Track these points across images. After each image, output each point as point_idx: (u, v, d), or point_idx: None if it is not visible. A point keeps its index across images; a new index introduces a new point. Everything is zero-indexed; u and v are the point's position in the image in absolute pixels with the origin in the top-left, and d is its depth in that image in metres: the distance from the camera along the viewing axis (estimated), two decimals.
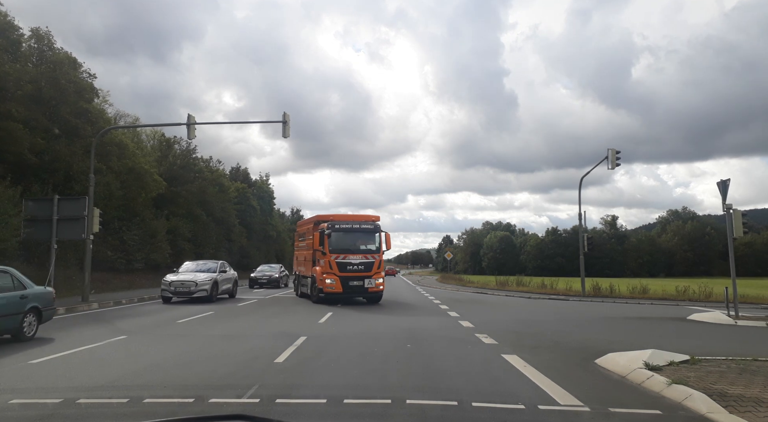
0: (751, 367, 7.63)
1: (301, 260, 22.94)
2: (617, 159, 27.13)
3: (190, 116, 20.63)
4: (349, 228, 19.51)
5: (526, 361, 8.28)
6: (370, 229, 19.83)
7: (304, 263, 21.80)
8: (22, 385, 6.61)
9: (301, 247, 23.31)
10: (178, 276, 20.77)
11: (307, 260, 21.51)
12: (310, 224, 21.72)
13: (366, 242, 19.66)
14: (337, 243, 19.04)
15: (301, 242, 23.50)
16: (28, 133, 23.09)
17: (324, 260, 18.93)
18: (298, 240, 24.28)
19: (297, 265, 23.96)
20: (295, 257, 24.66)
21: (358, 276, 18.90)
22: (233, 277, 23.55)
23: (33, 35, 25.80)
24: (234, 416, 2.26)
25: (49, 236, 19.77)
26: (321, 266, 19.14)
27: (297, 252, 24.30)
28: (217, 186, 48.08)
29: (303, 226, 24.05)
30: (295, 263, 24.56)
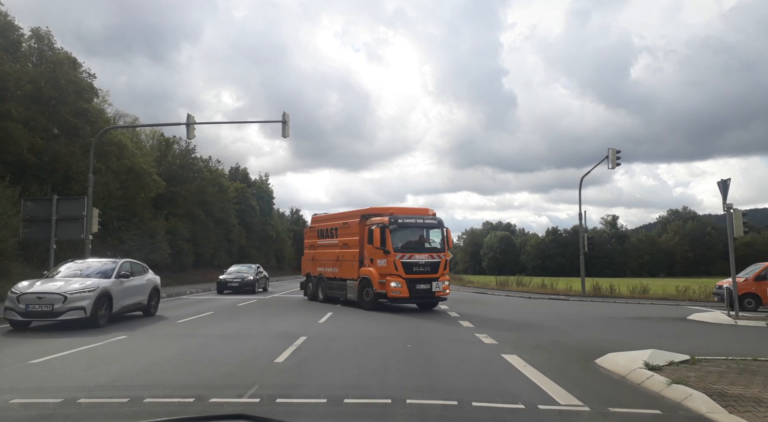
0: (751, 367, 7.63)
1: (326, 259, 20.05)
2: (617, 159, 27.15)
3: (190, 115, 20.64)
4: (413, 223, 17.08)
5: (526, 361, 8.28)
6: (435, 224, 17.46)
7: (336, 264, 19.15)
8: (22, 385, 6.61)
9: (324, 245, 20.46)
10: (38, 286, 12.20)
11: (341, 260, 18.90)
12: (350, 218, 18.97)
13: (431, 240, 17.38)
14: (401, 241, 16.68)
15: (324, 239, 20.55)
16: (28, 133, 23.09)
17: (386, 260, 16.38)
18: (319, 238, 21.01)
19: (316, 265, 20.91)
20: (311, 256, 21.46)
21: (425, 279, 16.57)
22: (149, 284, 15.32)
23: (33, 35, 25.82)
24: (234, 416, 2.26)
25: (48, 236, 19.76)
26: (378, 267, 16.65)
27: (316, 251, 21.07)
28: (217, 186, 48.06)
29: (331, 221, 20.74)
30: (311, 264, 21.41)
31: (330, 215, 22.20)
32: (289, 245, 78.34)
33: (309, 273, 21.70)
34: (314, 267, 21.09)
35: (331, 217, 21.59)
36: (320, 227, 21.04)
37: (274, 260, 69.57)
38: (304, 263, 22.46)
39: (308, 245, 22.11)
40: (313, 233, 21.54)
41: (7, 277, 19.72)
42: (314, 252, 21.20)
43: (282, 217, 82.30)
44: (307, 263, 22.11)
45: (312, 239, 21.68)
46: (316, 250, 21.03)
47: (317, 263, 20.83)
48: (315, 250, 21.16)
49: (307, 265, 21.96)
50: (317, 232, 21.04)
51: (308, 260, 21.89)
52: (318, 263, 20.76)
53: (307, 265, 21.96)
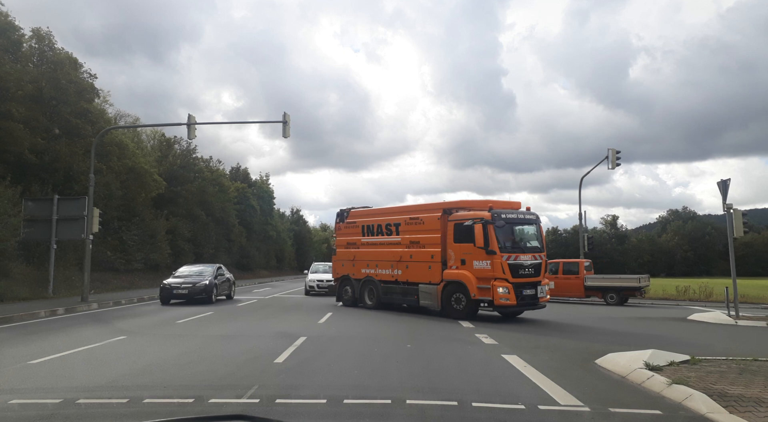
0: (752, 367, 7.62)
1: (380, 260, 17.44)
2: (617, 159, 27.14)
3: (191, 116, 20.64)
4: (515, 219, 14.94)
5: (526, 361, 8.27)
6: (533, 220, 15.52)
7: (398, 265, 16.70)
8: (22, 385, 6.61)
9: (373, 243, 17.86)
10: None
11: (407, 261, 16.40)
12: (422, 213, 16.40)
13: (532, 238, 15.33)
14: (504, 239, 14.44)
15: (374, 237, 17.86)
16: (29, 133, 23.10)
17: (491, 261, 14.11)
18: (364, 235, 18.33)
19: (360, 266, 18.34)
20: (351, 256, 18.76)
21: (530, 283, 14.54)
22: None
23: (34, 35, 25.83)
24: (234, 416, 2.26)
25: (49, 236, 19.80)
26: (476, 270, 14.38)
27: (360, 250, 18.43)
28: (217, 186, 48.08)
29: (385, 216, 18.03)
30: (350, 264, 18.77)
31: (380, 209, 19.56)
32: (289, 245, 78.33)
33: (348, 275, 18.85)
34: (357, 268, 18.42)
35: (383, 211, 18.83)
36: (366, 223, 18.37)
37: (274, 260, 69.57)
38: (337, 264, 19.55)
39: (344, 243, 19.21)
40: (354, 230, 18.79)
41: (8, 277, 19.74)
42: (356, 252, 18.51)
43: (282, 217, 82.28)
44: (343, 264, 19.20)
45: (351, 237, 18.86)
46: (360, 249, 18.36)
47: (361, 263, 18.21)
48: (357, 249, 18.47)
49: (344, 266, 19.10)
50: (361, 228, 18.37)
51: (345, 260, 19.01)
52: (363, 264, 18.15)
53: (344, 266, 19.10)
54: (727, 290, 16.88)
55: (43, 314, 15.05)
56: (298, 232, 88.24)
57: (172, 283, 20.15)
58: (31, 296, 19.07)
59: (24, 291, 19.30)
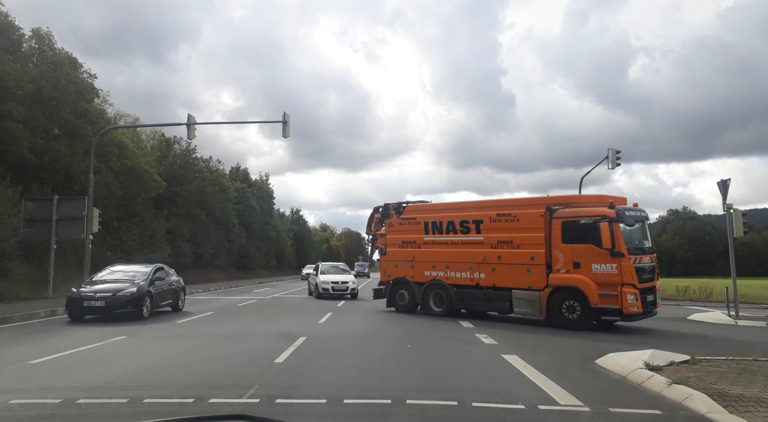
0: (752, 367, 7.62)
1: (452, 261, 15.53)
2: (617, 159, 27.14)
3: (190, 116, 20.66)
4: (635, 216, 13.43)
5: (526, 361, 8.28)
6: (646, 217, 14.22)
7: (480, 267, 14.79)
8: (21, 385, 6.61)
9: (443, 242, 15.86)
10: None
11: (494, 263, 14.55)
12: (518, 208, 14.68)
13: (645, 238, 13.93)
14: (627, 240, 13.00)
15: (443, 235, 15.88)
16: (28, 133, 23.10)
17: (617, 264, 12.52)
18: (427, 233, 16.29)
19: (422, 268, 16.31)
20: (410, 256, 16.61)
21: (650, 288, 13.14)
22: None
23: (34, 35, 25.82)
24: (234, 416, 2.26)
25: (49, 236, 19.80)
26: (596, 275, 12.79)
27: (422, 250, 16.34)
28: (217, 186, 48.06)
29: (460, 211, 15.99)
30: (407, 266, 16.70)
31: (449, 204, 17.69)
32: (289, 245, 78.32)
33: (403, 278, 16.75)
34: (419, 271, 16.38)
35: (454, 206, 16.76)
36: (430, 219, 16.30)
37: (274, 260, 69.59)
38: (388, 265, 17.35)
39: (398, 242, 17.04)
40: (412, 227, 16.70)
41: (8, 277, 19.75)
42: (416, 252, 16.46)
43: (282, 217, 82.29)
44: (397, 266, 17.03)
45: (409, 235, 16.73)
46: (422, 249, 16.35)
47: (425, 265, 16.25)
48: (418, 249, 16.44)
49: (399, 268, 16.96)
50: (424, 225, 16.36)
51: (400, 261, 16.89)
52: (427, 266, 16.19)
53: (399, 268, 16.96)
54: (727, 290, 16.88)
55: (43, 314, 15.05)
56: (298, 232, 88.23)
57: (85, 292, 13.96)
58: (31, 296, 19.07)
59: (24, 291, 19.30)
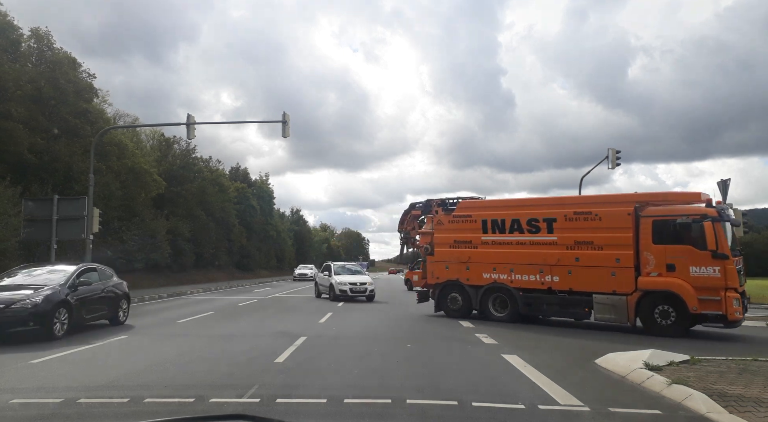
0: (751, 367, 7.63)
1: (516, 263, 14.37)
2: (617, 159, 27.15)
3: (190, 115, 20.65)
4: (730, 215, 12.71)
5: (526, 361, 8.28)
6: None
7: (552, 270, 13.71)
8: (22, 385, 6.61)
9: (506, 243, 14.67)
10: None
11: (569, 265, 13.45)
12: (600, 206, 13.56)
13: (732, 239, 12.84)
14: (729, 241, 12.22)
15: (505, 235, 14.72)
16: (28, 133, 23.10)
17: (720, 267, 11.66)
18: (486, 232, 15.02)
19: (480, 270, 14.93)
20: (465, 257, 15.16)
21: (743, 292, 12.44)
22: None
23: (33, 35, 25.82)
24: (234, 416, 2.27)
25: (49, 236, 19.77)
26: (694, 278, 11.88)
27: (479, 250, 15.03)
28: (217, 186, 48.07)
29: (526, 208, 14.85)
30: (461, 267, 15.26)
31: (511, 200, 16.62)
32: (289, 245, 78.30)
33: (456, 281, 15.35)
34: (475, 273, 14.98)
35: (517, 203, 15.75)
36: (489, 217, 15.02)
37: (274, 260, 69.59)
38: (436, 266, 15.83)
39: (449, 241, 15.61)
40: (467, 225, 15.35)
41: None
42: (472, 252, 15.13)
43: (282, 217, 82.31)
44: (447, 267, 15.57)
45: (463, 234, 15.39)
46: (479, 249, 15.06)
47: (483, 266, 14.94)
48: (474, 249, 15.13)
49: (449, 269, 15.52)
50: (481, 224, 15.05)
51: (451, 262, 15.49)
52: (485, 268, 14.90)
53: (449, 269, 15.52)
54: None
55: None
56: (298, 232, 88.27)
57: None
58: None
59: None
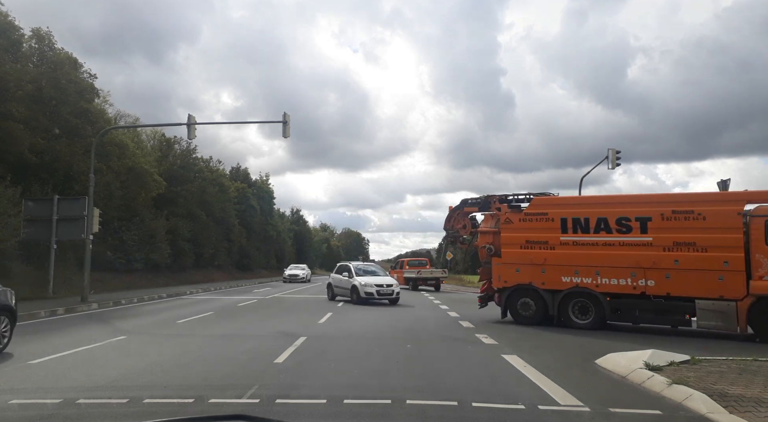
0: (752, 367, 7.62)
1: (601, 265, 13.29)
2: (617, 159, 27.14)
3: (191, 116, 20.65)
4: None
5: (526, 361, 8.28)
6: None
7: (645, 273, 12.75)
8: (21, 385, 6.61)
9: (588, 243, 13.57)
10: None
11: (661, 267, 12.60)
12: (701, 205, 12.64)
13: None
14: None
15: (588, 235, 13.60)
16: (29, 133, 23.09)
17: None
18: (565, 232, 13.88)
19: (558, 273, 13.80)
20: (540, 258, 13.99)
21: None
22: None
23: (34, 35, 25.81)
24: (234, 416, 2.26)
25: (49, 236, 19.81)
26: None
27: (556, 251, 13.86)
28: (217, 186, 48.06)
29: (608, 206, 13.76)
30: (534, 270, 14.11)
31: (595, 197, 15.18)
32: (289, 245, 78.27)
33: (528, 284, 14.19)
34: (552, 276, 13.88)
35: (603, 200, 14.52)
36: (570, 215, 13.93)
37: (274, 260, 69.56)
38: (504, 269, 14.56)
39: (520, 241, 14.37)
40: (543, 224, 14.22)
41: (8, 277, 19.75)
42: (548, 253, 14.04)
43: (282, 217, 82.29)
44: (518, 270, 14.34)
45: (538, 234, 14.26)
46: (557, 250, 14.00)
47: (562, 269, 13.83)
48: (552, 250, 14.05)
49: (520, 272, 14.30)
50: (560, 223, 13.98)
51: (522, 264, 14.30)
52: (565, 271, 13.78)
53: (520, 272, 14.30)
54: None
55: (43, 314, 15.06)
56: (299, 232, 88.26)
57: None
58: (31, 296, 19.06)
59: (24, 291, 19.26)
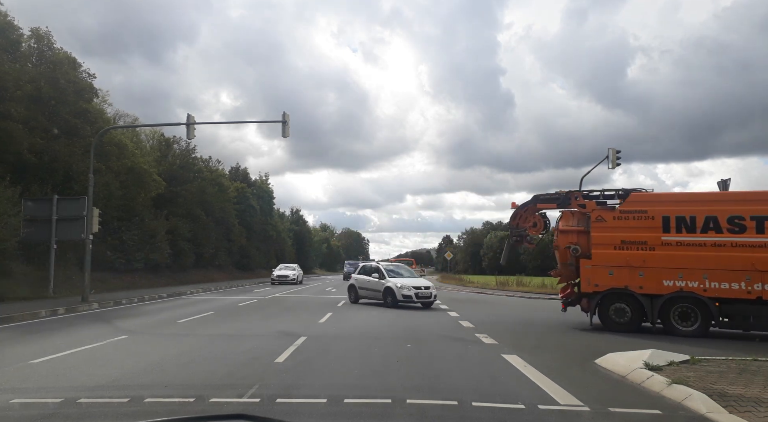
0: (751, 367, 7.64)
1: (713, 268, 12.34)
2: (617, 159, 27.12)
3: (190, 115, 20.64)
4: None
5: (526, 361, 8.29)
6: None
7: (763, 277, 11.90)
8: (22, 385, 6.62)
9: (698, 244, 12.60)
10: None
11: None
12: None
13: None
14: None
15: (700, 235, 12.63)
16: (28, 133, 23.08)
17: None
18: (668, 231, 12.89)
19: (659, 276, 12.76)
20: (639, 260, 12.97)
21: None
22: None
23: (33, 35, 25.80)
24: (234, 416, 2.27)
25: (49, 236, 19.79)
26: None
27: (654, 253, 12.87)
28: (217, 186, 48.06)
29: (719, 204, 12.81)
30: (632, 273, 12.99)
31: (705, 194, 13.92)
32: (289, 245, 78.22)
33: (624, 287, 13.02)
34: (652, 279, 12.80)
35: (716, 198, 13.34)
36: (673, 213, 12.91)
37: (274, 260, 69.47)
38: (595, 272, 13.33)
39: (612, 241, 13.29)
40: (640, 222, 13.18)
41: (8, 277, 19.76)
42: (647, 255, 12.95)
43: (282, 217, 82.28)
44: (610, 272, 13.21)
45: (635, 232, 13.16)
46: (657, 251, 12.88)
47: (663, 272, 12.71)
48: (651, 251, 12.95)
49: (613, 275, 13.18)
50: (662, 221, 12.97)
51: (617, 266, 13.17)
52: (666, 274, 12.68)
53: (613, 275, 13.18)
54: None
55: (44, 313, 15.06)
56: (298, 232, 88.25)
57: None
58: (31, 296, 19.07)
59: (24, 291, 19.31)
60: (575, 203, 14.06)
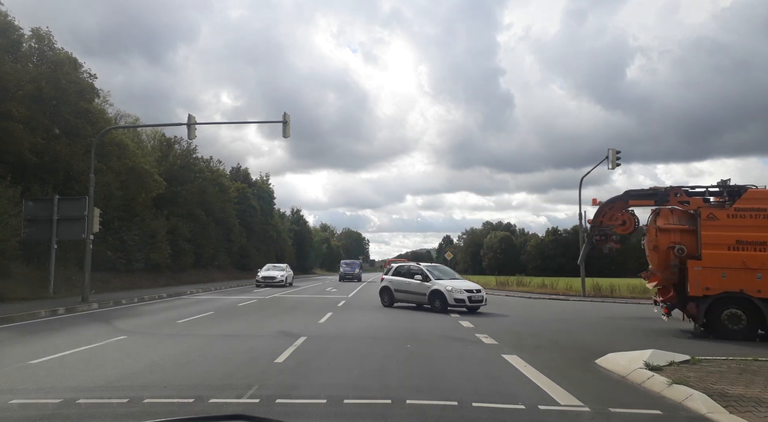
0: (752, 367, 7.63)
1: None
2: (617, 159, 27.14)
3: (191, 116, 20.64)
4: None
5: (526, 361, 8.28)
6: None
7: None
8: (21, 385, 6.61)
9: None
10: None
11: None
12: None
13: None
14: None
15: None
16: (29, 133, 23.09)
17: None
18: None
19: None
20: (758, 262, 11.88)
21: None
22: None
23: (33, 35, 25.81)
24: (234, 416, 2.26)
25: (49, 236, 19.81)
26: None
27: None
28: (217, 186, 48.09)
29: None
30: (756, 276, 11.84)
31: None
32: (289, 245, 78.24)
33: (740, 291, 11.95)
34: None
35: None
36: None
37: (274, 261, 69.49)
38: (706, 274, 12.12)
39: (726, 241, 12.16)
40: (758, 221, 12.14)
41: (8, 277, 19.76)
42: (764, 256, 11.88)
43: (282, 217, 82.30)
44: (723, 275, 12.05)
45: (753, 232, 12.08)
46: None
47: None
48: (763, 251, 11.88)
49: (726, 278, 12.03)
50: None
51: (731, 268, 11.99)
52: None
53: (726, 278, 12.03)
54: None
55: (44, 314, 15.06)
56: (299, 232, 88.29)
57: None
58: (31, 296, 19.07)
59: (24, 291, 19.30)
60: (675, 200, 13.02)
